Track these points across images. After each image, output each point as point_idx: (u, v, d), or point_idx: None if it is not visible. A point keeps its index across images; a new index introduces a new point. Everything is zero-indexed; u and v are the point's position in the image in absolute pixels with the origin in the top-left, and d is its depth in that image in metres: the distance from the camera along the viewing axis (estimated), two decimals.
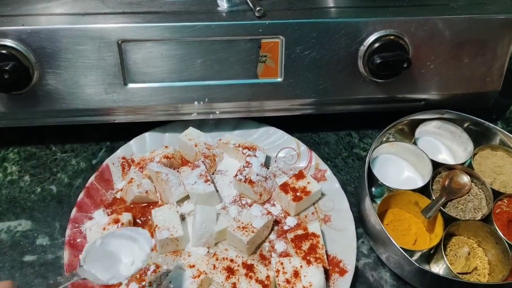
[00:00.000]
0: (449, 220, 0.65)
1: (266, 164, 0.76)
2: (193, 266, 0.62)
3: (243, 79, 0.69)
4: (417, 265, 0.60)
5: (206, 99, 0.70)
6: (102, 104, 0.69)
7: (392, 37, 0.66)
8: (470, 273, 0.64)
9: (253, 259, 0.65)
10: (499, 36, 0.70)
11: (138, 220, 0.68)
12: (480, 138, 0.75)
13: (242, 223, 0.64)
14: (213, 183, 0.72)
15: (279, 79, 0.70)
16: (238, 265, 0.61)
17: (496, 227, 0.64)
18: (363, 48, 0.67)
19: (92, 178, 0.71)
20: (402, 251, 0.61)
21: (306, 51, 0.68)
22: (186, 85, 0.69)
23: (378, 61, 0.65)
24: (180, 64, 0.67)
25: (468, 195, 0.68)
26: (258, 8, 0.64)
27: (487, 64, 0.72)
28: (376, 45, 0.66)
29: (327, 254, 0.65)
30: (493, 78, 0.73)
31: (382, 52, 0.66)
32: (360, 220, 0.70)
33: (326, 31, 0.66)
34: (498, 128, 0.74)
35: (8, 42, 0.63)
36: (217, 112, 0.73)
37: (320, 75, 0.70)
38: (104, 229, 0.65)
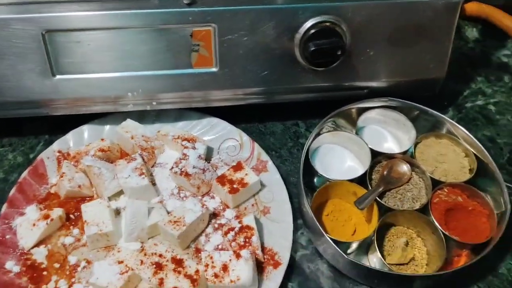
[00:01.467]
0: (388, 210, 0.64)
1: (209, 156, 0.74)
2: (122, 262, 0.60)
3: (176, 69, 0.67)
4: (347, 257, 0.59)
5: (140, 90, 0.68)
6: (32, 96, 0.67)
7: (327, 23, 0.64)
8: (407, 264, 0.63)
9: (188, 253, 0.64)
10: (440, 21, 0.68)
11: (72, 216, 0.67)
12: (425, 126, 0.74)
13: (174, 217, 0.63)
14: (151, 176, 0.71)
15: (214, 69, 0.68)
16: (167, 260, 0.60)
17: (433, 217, 0.63)
18: (298, 36, 0.65)
19: (25, 173, 0.69)
20: (333, 243, 0.59)
21: (240, 39, 0.66)
22: (117, 76, 0.67)
23: (312, 49, 0.64)
24: (109, 54, 0.65)
25: (408, 185, 0.67)
26: None
27: (430, 50, 0.70)
28: (311, 32, 0.64)
29: (263, 247, 0.64)
30: (437, 64, 0.72)
31: (316, 40, 0.64)
32: (300, 212, 0.68)
33: (260, 18, 0.64)
34: (443, 116, 0.72)
35: None
36: (154, 103, 0.71)
37: (258, 64, 0.68)
38: (34, 225, 0.64)
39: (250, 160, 0.73)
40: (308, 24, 0.65)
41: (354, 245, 0.64)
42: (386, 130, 0.75)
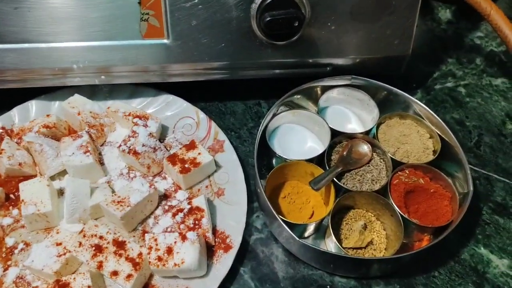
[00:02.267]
0: (346, 193, 0.61)
1: (164, 135, 0.70)
2: (60, 244, 0.56)
3: (125, 40, 0.63)
4: (300, 240, 0.55)
5: (86, 62, 0.64)
6: None
7: None
8: (365, 248, 0.60)
9: (134, 236, 0.60)
10: None
11: (11, 195, 0.63)
12: (394, 107, 0.71)
13: (119, 197, 0.59)
14: (100, 155, 0.67)
15: (166, 40, 0.64)
16: (108, 242, 0.56)
17: (392, 198, 0.60)
18: (254, 6, 0.61)
19: None
20: (286, 226, 0.56)
21: (193, 8, 0.62)
22: (60, 46, 0.62)
23: (267, 19, 0.60)
24: (51, 21, 0.60)
25: (368, 166, 0.64)
26: None
27: (394, 26, 0.67)
28: (267, 1, 0.60)
29: (215, 230, 0.61)
30: (402, 41, 0.68)
31: (273, 10, 0.60)
32: (255, 194, 0.65)
33: None
34: (408, 95, 0.69)
35: None
36: (103, 77, 0.67)
37: (212, 36, 0.64)
38: None
39: (206, 140, 0.69)
40: None
41: (310, 228, 0.61)
42: (350, 111, 0.72)
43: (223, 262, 0.58)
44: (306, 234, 0.62)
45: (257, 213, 0.65)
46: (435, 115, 0.66)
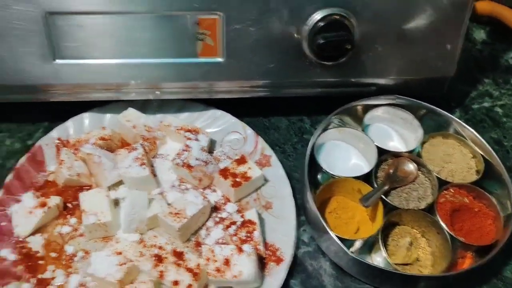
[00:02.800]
0: (392, 210, 0.63)
1: (211, 148, 0.73)
2: (120, 253, 0.59)
3: (181, 57, 0.66)
4: (352, 255, 0.57)
5: (144, 78, 0.67)
6: (30, 80, 0.65)
7: (336, 16, 0.63)
8: (411, 264, 0.62)
9: (188, 247, 0.62)
10: (451, 18, 0.67)
11: (69, 205, 0.65)
12: (435, 126, 0.73)
13: (175, 209, 0.61)
14: (152, 167, 0.69)
15: (220, 59, 0.66)
16: (167, 253, 0.58)
17: (439, 217, 0.61)
18: (306, 28, 0.64)
19: (22, 159, 0.67)
20: (338, 240, 0.58)
21: (247, 29, 0.64)
22: (120, 63, 0.65)
23: (320, 42, 0.62)
24: (112, 39, 0.63)
25: (414, 184, 0.66)
26: None
27: (439, 48, 0.69)
28: (320, 24, 0.63)
29: (265, 242, 0.63)
30: (446, 62, 0.70)
31: (325, 33, 0.63)
32: (302, 208, 0.67)
33: (268, 8, 0.63)
34: (451, 115, 0.71)
35: None
36: (158, 92, 0.69)
37: (264, 56, 0.67)
38: (30, 212, 0.62)
39: (253, 154, 0.72)
40: (317, 16, 0.63)
41: (357, 244, 0.62)
42: (392, 129, 0.74)
43: (275, 275, 0.60)
44: (352, 249, 0.63)
45: (303, 226, 0.67)
46: (478, 135, 0.68)
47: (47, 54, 0.63)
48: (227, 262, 0.57)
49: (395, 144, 0.73)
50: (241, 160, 0.67)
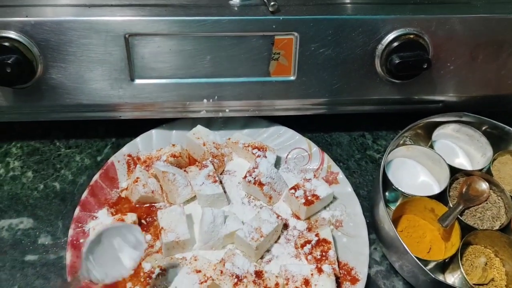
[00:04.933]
0: (465, 229, 0.63)
1: (276, 164, 0.73)
2: (200, 271, 0.59)
3: (254, 77, 0.66)
4: (433, 275, 0.57)
5: (216, 97, 0.67)
6: (107, 100, 0.66)
7: (411, 36, 0.63)
8: (486, 284, 0.61)
9: (261, 264, 0.63)
10: None
11: (143, 221, 0.66)
12: (499, 143, 0.72)
13: (251, 227, 0.62)
14: (221, 183, 0.70)
15: (292, 78, 0.67)
16: (247, 272, 0.59)
17: None
18: (381, 47, 0.64)
19: (96, 176, 0.68)
20: (418, 261, 0.58)
21: (321, 48, 0.65)
22: (195, 82, 0.66)
23: (397, 61, 0.62)
24: (189, 60, 0.64)
25: (487, 203, 0.66)
26: (272, 3, 0.61)
27: (508, 66, 0.69)
28: (395, 44, 0.63)
29: (338, 261, 0.63)
30: None
31: (401, 52, 0.63)
32: (373, 226, 0.67)
33: (343, 28, 0.63)
34: None
35: (11, 34, 0.60)
36: (227, 110, 0.70)
37: (335, 74, 0.67)
38: None
39: (319, 171, 0.72)
40: (392, 35, 0.64)
41: (431, 263, 0.62)
42: (458, 146, 0.74)
43: None
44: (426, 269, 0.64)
45: (374, 245, 0.67)
46: None
47: (126, 75, 0.64)
48: (307, 282, 0.58)
49: (461, 161, 0.73)
50: (310, 178, 0.68)
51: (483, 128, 0.73)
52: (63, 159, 0.74)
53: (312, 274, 0.58)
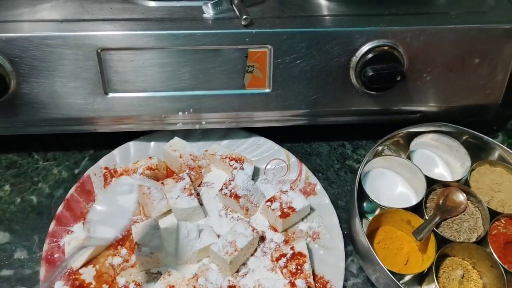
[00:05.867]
0: (442, 241, 0.62)
1: (255, 175, 0.73)
2: (173, 286, 0.59)
3: (229, 89, 0.66)
4: None
5: (191, 110, 0.67)
6: (82, 113, 0.66)
7: (385, 47, 0.63)
8: None
9: (236, 278, 0.63)
10: (500, 47, 0.66)
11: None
12: (479, 152, 0.72)
13: (226, 240, 0.62)
14: (198, 196, 0.70)
15: (267, 90, 0.67)
16: (220, 287, 0.59)
17: (492, 249, 0.61)
18: (355, 59, 0.64)
19: (72, 190, 0.68)
20: (390, 274, 0.58)
21: (295, 61, 0.65)
22: (169, 95, 0.66)
23: (370, 74, 0.62)
24: (163, 73, 0.64)
25: (464, 214, 0.65)
26: (244, 17, 0.61)
27: (487, 76, 0.68)
28: (369, 56, 0.63)
29: (314, 274, 0.63)
30: (493, 90, 0.70)
31: (375, 64, 0.63)
32: (350, 238, 0.67)
33: (317, 41, 0.63)
34: (497, 143, 0.70)
35: None
36: (204, 122, 0.70)
37: (311, 86, 0.67)
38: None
39: (297, 182, 0.72)
40: (366, 47, 0.64)
41: (407, 277, 0.62)
42: (437, 155, 0.74)
43: None
44: (401, 282, 0.63)
45: (351, 257, 0.67)
46: None
47: (99, 89, 0.64)
48: None
49: (441, 171, 0.72)
50: (286, 190, 0.68)
51: (463, 137, 0.72)
52: (40, 172, 0.73)
53: None
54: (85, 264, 0.63)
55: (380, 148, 0.72)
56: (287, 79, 0.66)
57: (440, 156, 0.74)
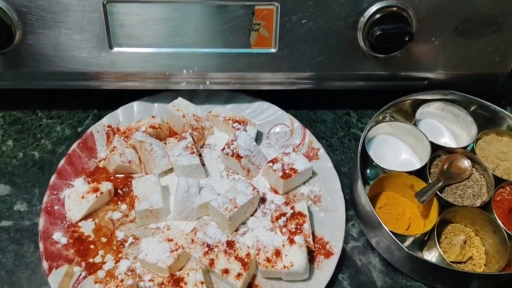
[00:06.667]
0: (446, 206, 0.61)
1: (258, 139, 0.73)
2: (171, 240, 0.59)
3: (234, 48, 0.65)
4: (408, 250, 0.56)
5: (196, 68, 0.67)
6: (86, 67, 0.66)
7: (394, 8, 0.62)
8: (464, 262, 0.60)
9: (236, 236, 0.62)
10: (510, 13, 0.65)
11: (119, 191, 0.66)
12: (487, 123, 0.71)
13: (226, 197, 0.61)
14: (200, 156, 0.69)
15: (273, 50, 0.66)
16: (218, 241, 0.58)
17: (496, 215, 0.60)
18: (363, 20, 0.63)
19: (74, 145, 0.68)
20: (392, 235, 0.57)
21: (302, 20, 0.64)
22: (174, 52, 0.65)
23: (377, 33, 0.61)
24: (168, 29, 0.63)
25: (468, 181, 0.64)
26: None
27: (497, 44, 0.67)
28: (377, 16, 0.62)
29: (314, 235, 0.62)
30: (502, 58, 0.68)
31: (382, 24, 0.62)
32: (352, 202, 0.66)
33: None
34: (506, 112, 0.69)
35: None
36: (208, 82, 0.69)
37: (317, 48, 0.66)
38: (82, 197, 0.63)
39: (301, 147, 0.71)
40: (374, 7, 0.62)
41: (409, 240, 0.61)
42: (443, 125, 0.73)
43: (325, 268, 0.59)
44: (404, 245, 0.62)
45: (352, 221, 0.66)
46: None
47: (104, 42, 0.63)
48: (278, 253, 0.57)
49: (446, 141, 0.71)
50: (289, 152, 0.67)
51: (471, 107, 0.71)
52: (44, 129, 0.73)
53: (283, 245, 0.57)
54: (85, 218, 0.63)
55: (385, 115, 0.71)
56: (293, 39, 0.65)
57: (446, 126, 0.72)
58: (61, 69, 0.66)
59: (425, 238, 0.61)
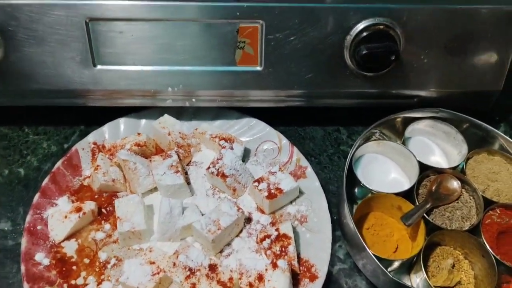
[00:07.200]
0: (434, 229, 0.60)
1: (245, 157, 0.72)
2: (153, 262, 0.58)
3: (219, 66, 0.65)
4: (391, 276, 0.55)
5: (181, 86, 0.66)
6: (70, 85, 0.65)
7: (381, 26, 0.61)
8: (453, 287, 0.59)
9: (220, 258, 0.61)
10: (501, 30, 0.63)
11: (104, 210, 0.65)
12: (479, 141, 0.69)
13: (210, 219, 0.60)
14: (186, 174, 0.69)
15: (259, 68, 0.65)
16: (200, 265, 0.57)
17: (484, 239, 0.58)
18: (349, 38, 0.62)
19: (59, 163, 0.67)
20: (376, 260, 0.56)
21: (288, 38, 0.63)
22: (158, 70, 0.64)
23: (363, 52, 0.60)
24: (151, 47, 0.63)
25: (457, 202, 0.63)
26: None
27: (487, 61, 0.66)
28: (364, 34, 0.61)
29: (299, 257, 0.61)
30: (493, 76, 0.67)
31: (369, 43, 0.61)
32: (338, 223, 0.65)
33: (310, 17, 0.61)
34: (497, 131, 0.68)
35: None
36: (194, 99, 0.69)
37: (303, 65, 0.65)
38: (65, 217, 0.62)
39: (288, 164, 0.70)
40: (361, 26, 0.61)
41: (396, 263, 0.60)
42: (434, 143, 0.71)
43: None
44: (390, 269, 0.61)
45: (339, 242, 0.65)
46: None
47: (87, 60, 0.63)
48: (260, 277, 0.56)
49: (437, 159, 0.70)
50: (276, 171, 0.66)
51: (463, 126, 0.70)
52: (30, 146, 0.73)
53: (266, 269, 0.56)
54: (68, 238, 0.62)
55: (375, 133, 0.70)
56: (279, 57, 0.64)
57: (437, 144, 0.71)
58: (45, 87, 0.65)
59: (414, 260, 0.60)
